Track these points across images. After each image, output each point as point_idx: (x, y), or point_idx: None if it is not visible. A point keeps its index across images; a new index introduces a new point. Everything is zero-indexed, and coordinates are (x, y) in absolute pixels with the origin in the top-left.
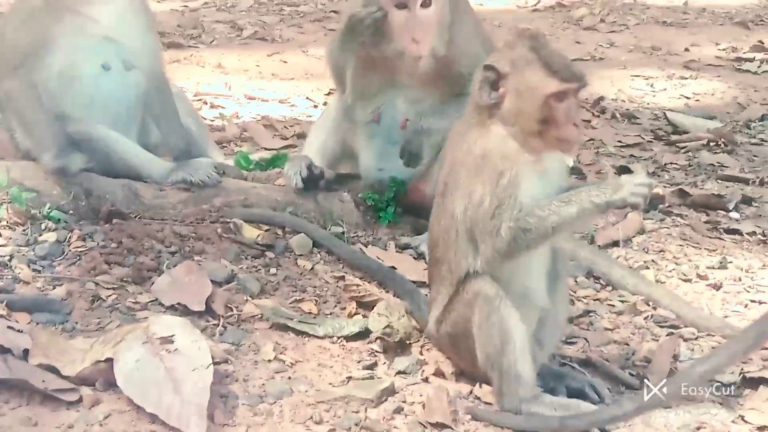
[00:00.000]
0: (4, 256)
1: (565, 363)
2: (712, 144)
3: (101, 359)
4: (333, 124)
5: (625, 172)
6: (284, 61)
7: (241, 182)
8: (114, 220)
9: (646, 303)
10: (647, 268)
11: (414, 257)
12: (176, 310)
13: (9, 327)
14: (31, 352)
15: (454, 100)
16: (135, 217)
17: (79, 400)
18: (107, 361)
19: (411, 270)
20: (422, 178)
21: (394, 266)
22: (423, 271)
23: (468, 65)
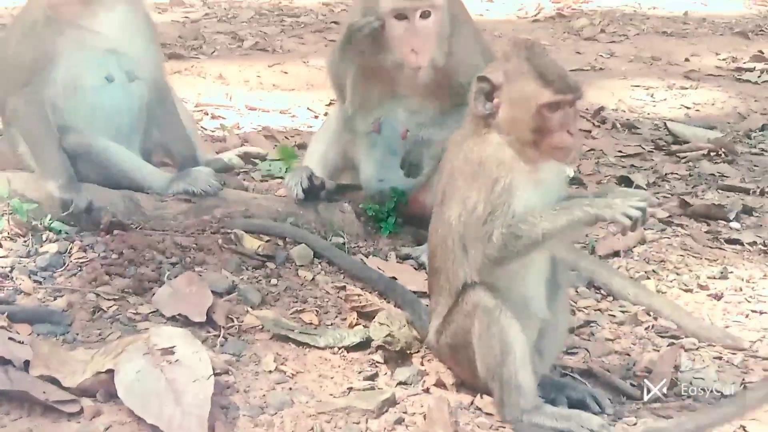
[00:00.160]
0: (5, 267)
1: (566, 373)
2: (712, 154)
3: (102, 370)
4: (334, 135)
5: (625, 182)
6: (285, 72)
7: (241, 193)
8: (115, 231)
9: (647, 313)
10: (648, 278)
11: (415, 268)
12: (177, 321)
13: (10, 338)
14: (32, 364)
15: (455, 110)
16: (136, 228)
17: (80, 412)
18: (108, 372)
19: (412, 280)
20: (423, 189)
21: (394, 277)
22: (424, 281)
23: (468, 76)
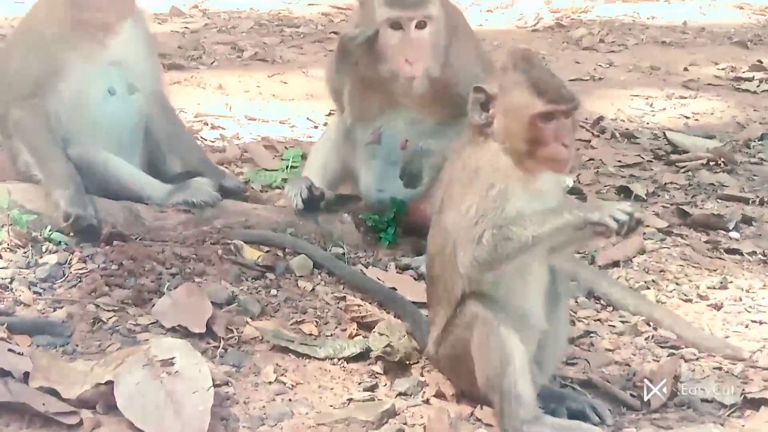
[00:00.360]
0: (4, 278)
1: (566, 384)
2: (711, 163)
3: (102, 382)
4: (333, 145)
5: (624, 192)
6: (284, 82)
7: (241, 204)
8: (114, 242)
9: (646, 323)
10: (648, 288)
11: (414, 278)
12: (177, 332)
13: (9, 350)
14: (31, 375)
15: (454, 121)
16: (136, 238)
17: (80, 423)
18: (108, 383)
19: (412, 291)
20: (422, 199)
21: (394, 287)
22: (424, 291)
23: (467, 86)
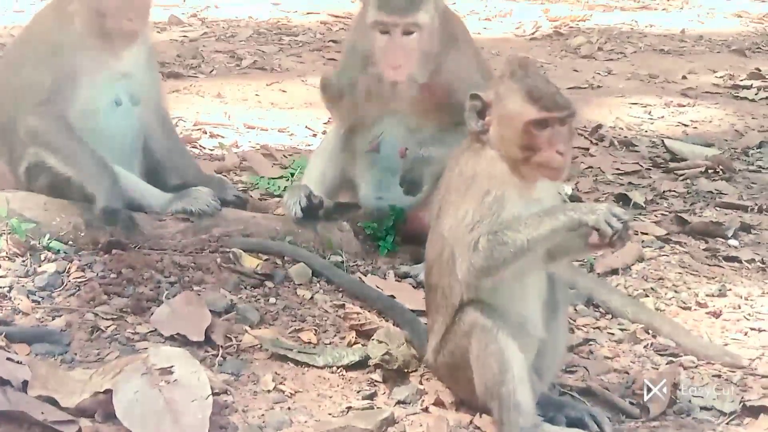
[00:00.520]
0: (3, 287)
1: (565, 392)
2: (710, 171)
3: (100, 390)
4: (332, 153)
5: (623, 199)
6: (283, 91)
7: (240, 212)
8: (113, 251)
9: (645, 331)
10: (646, 296)
11: (413, 286)
12: (175, 340)
13: (8, 358)
14: (30, 384)
15: (454, 128)
16: (134, 247)
17: None
18: (106, 392)
19: (410, 299)
20: (422, 207)
21: (393, 295)
22: (422, 299)
23: (466, 94)
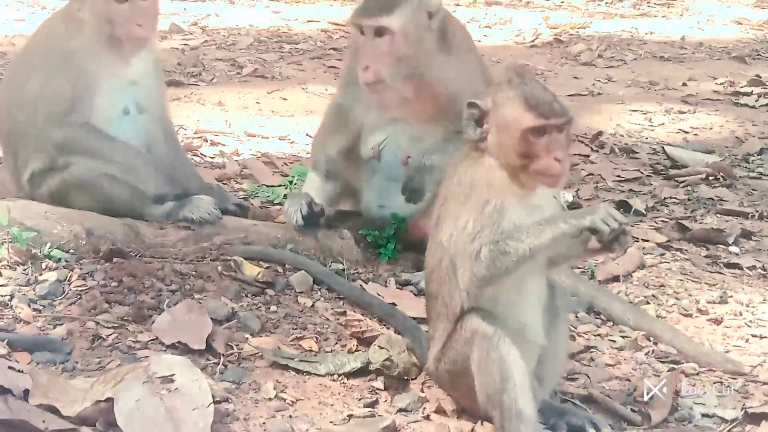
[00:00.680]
0: (4, 295)
1: (567, 399)
2: (710, 178)
3: (102, 399)
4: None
5: (624, 206)
6: (284, 99)
7: (241, 220)
8: (114, 259)
9: (647, 338)
10: (648, 303)
11: (414, 294)
12: (176, 348)
13: (9, 367)
14: (31, 393)
15: (456, 136)
16: (135, 255)
17: None
18: (108, 400)
19: (411, 306)
20: (423, 215)
21: (394, 303)
22: (423, 307)
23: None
